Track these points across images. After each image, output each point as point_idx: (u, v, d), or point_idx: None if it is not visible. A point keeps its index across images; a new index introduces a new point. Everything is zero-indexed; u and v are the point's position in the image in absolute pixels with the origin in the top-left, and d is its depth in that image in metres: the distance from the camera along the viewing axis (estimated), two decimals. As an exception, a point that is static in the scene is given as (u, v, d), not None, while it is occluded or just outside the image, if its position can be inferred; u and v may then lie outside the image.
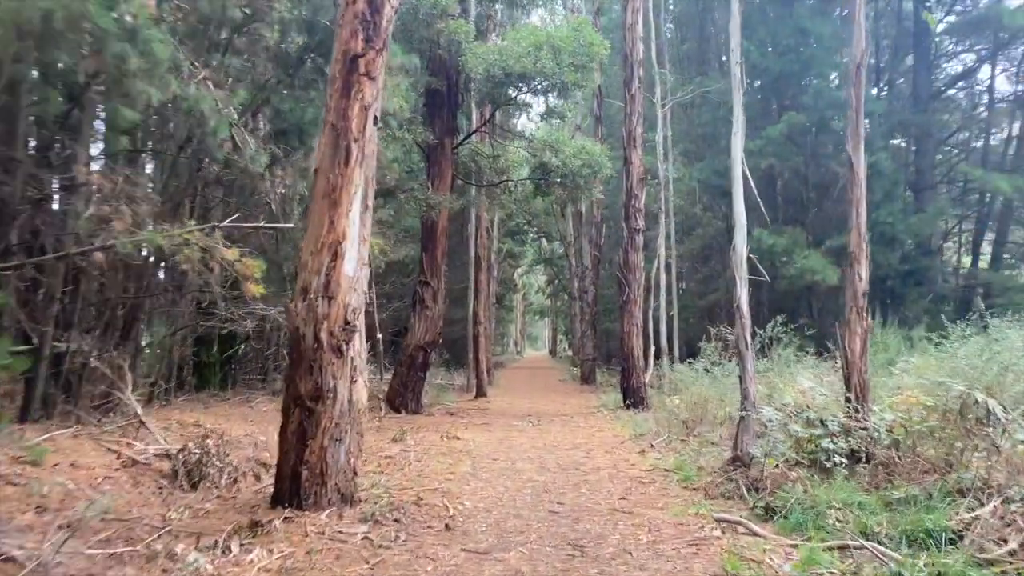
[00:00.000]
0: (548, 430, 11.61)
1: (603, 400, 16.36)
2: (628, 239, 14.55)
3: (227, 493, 6.01)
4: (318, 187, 5.68)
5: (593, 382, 23.57)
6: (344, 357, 5.51)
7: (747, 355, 7.62)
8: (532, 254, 53.33)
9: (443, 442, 9.80)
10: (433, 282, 13.53)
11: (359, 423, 5.82)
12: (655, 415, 12.39)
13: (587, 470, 7.96)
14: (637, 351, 14.27)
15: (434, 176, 13.56)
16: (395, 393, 13.31)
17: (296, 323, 5.48)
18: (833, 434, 6.87)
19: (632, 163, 14.58)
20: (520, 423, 12.51)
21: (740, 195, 8.18)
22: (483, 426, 11.99)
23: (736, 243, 8.01)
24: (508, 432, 11.24)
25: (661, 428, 10.66)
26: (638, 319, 14.45)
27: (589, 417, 13.57)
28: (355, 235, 5.67)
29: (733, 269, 7.98)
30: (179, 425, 8.04)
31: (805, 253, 17.95)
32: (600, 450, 9.46)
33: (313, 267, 5.51)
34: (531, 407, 15.95)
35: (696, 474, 7.48)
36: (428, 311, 13.43)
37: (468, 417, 13.35)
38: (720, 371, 11.42)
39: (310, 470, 5.33)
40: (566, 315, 54.66)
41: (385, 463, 8.09)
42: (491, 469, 7.91)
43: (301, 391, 5.41)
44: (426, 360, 13.48)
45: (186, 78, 7.24)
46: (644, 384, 14.20)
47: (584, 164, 14.32)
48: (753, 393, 7.55)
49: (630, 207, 14.55)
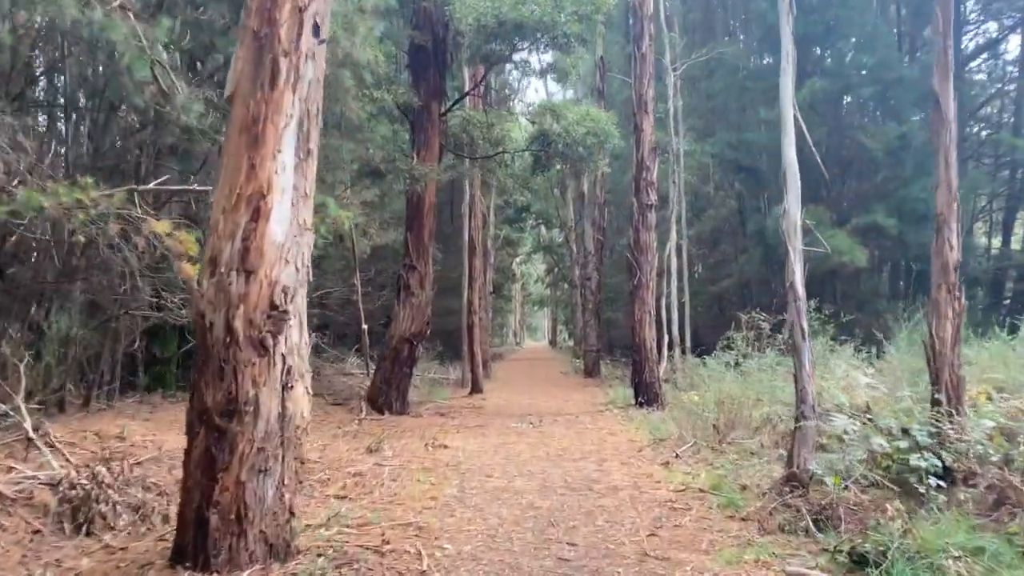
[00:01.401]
0: (551, 433, 10.07)
1: (611, 396, 14.81)
2: (639, 216, 12.96)
3: (121, 541, 4.45)
4: (234, 118, 4.10)
5: (597, 375, 22.03)
6: (270, 356, 3.94)
7: (804, 347, 6.06)
8: (531, 241, 51.88)
9: (427, 452, 8.25)
10: (420, 266, 11.96)
11: (297, 445, 4.25)
12: (673, 415, 10.85)
13: (602, 490, 6.41)
14: (650, 342, 12.71)
15: (419, 145, 11.96)
16: (377, 391, 11.75)
17: (201, 308, 3.90)
18: (923, 448, 5.33)
19: (643, 130, 12.98)
20: (519, 424, 10.96)
21: (791, 144, 6.59)
22: (476, 429, 10.44)
23: (788, 206, 6.43)
24: (505, 437, 9.69)
25: (684, 432, 9.12)
26: (650, 306, 12.88)
27: (597, 417, 12.02)
28: (286, 185, 4.10)
29: (784, 238, 6.40)
30: (97, 439, 6.47)
31: (830, 233, 16.33)
32: (615, 460, 7.91)
33: (225, 229, 3.94)
34: (531, 404, 14.41)
35: (740, 497, 5.93)
36: (414, 298, 11.86)
37: (460, 417, 11.80)
38: (754, 365, 9.85)
39: (221, 515, 3.77)
40: (566, 305, 53.16)
41: (352, 483, 6.53)
42: (483, 490, 6.35)
43: (208, 403, 3.84)
44: (412, 354, 11.91)
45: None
46: (658, 379, 12.64)
47: (589, 132, 12.72)
48: (812, 395, 6.00)
49: (641, 180, 12.96)
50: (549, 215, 43.02)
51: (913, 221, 17.44)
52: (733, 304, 23.69)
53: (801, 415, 5.95)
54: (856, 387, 8.02)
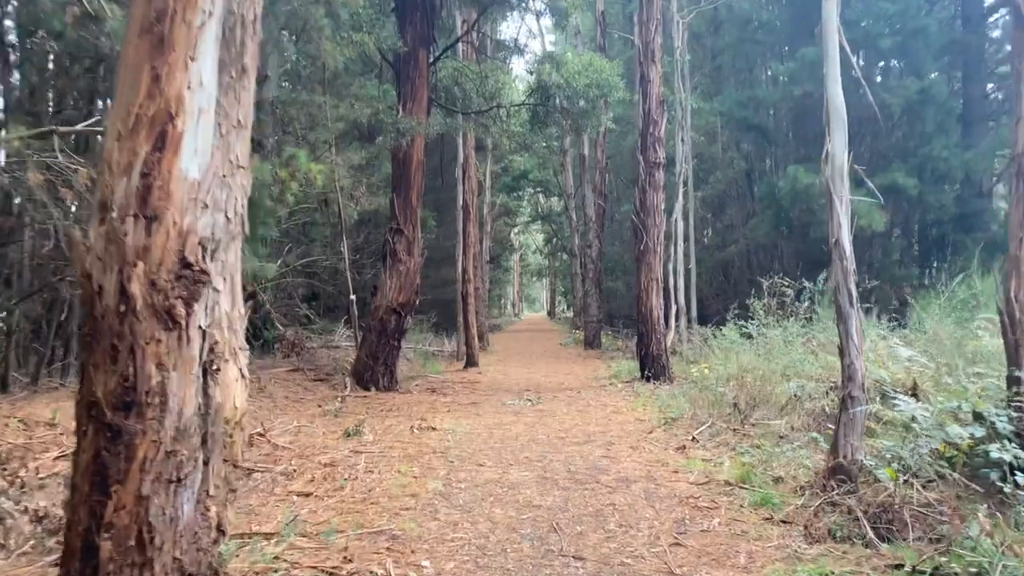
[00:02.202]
0: (552, 411, 9.18)
1: (614, 369, 13.92)
2: (645, 175, 11.94)
3: (11, 563, 3.53)
4: (133, 16, 3.08)
5: (598, 347, 21.16)
6: (182, 330, 2.97)
7: (851, 315, 5.11)
8: (529, 211, 50.84)
9: (413, 436, 7.34)
10: (408, 230, 10.96)
11: (228, 444, 3.31)
12: (683, 390, 9.97)
13: (611, 482, 5.51)
14: (657, 312, 11.77)
15: (405, 97, 10.89)
16: (363, 366, 10.83)
17: (87, 266, 2.93)
18: (1003, 436, 4.41)
19: (650, 80, 11.91)
20: (516, 401, 10.07)
21: (836, 78, 5.58)
22: (469, 408, 9.54)
23: (832, 148, 5.43)
24: (500, 416, 8.80)
25: (698, 410, 8.23)
26: (657, 273, 11.92)
27: (601, 392, 11.13)
28: (204, 105, 3.11)
29: (827, 185, 5.42)
30: (22, 426, 5.55)
31: (847, 195, 15.28)
32: (623, 444, 7.01)
33: (120, 161, 2.95)
34: (529, 378, 13.52)
35: (776, 492, 5.03)
36: (402, 265, 10.88)
37: (453, 394, 10.91)
38: (778, 335, 8.91)
39: (116, 540, 2.84)
40: (565, 275, 52.25)
41: (322, 475, 5.62)
42: (473, 484, 5.44)
43: (98, 393, 2.89)
44: (400, 325, 10.96)
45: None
46: (666, 351, 11.73)
47: (591, 84, 11.67)
48: (862, 371, 5.06)
49: (648, 136, 11.92)
50: (548, 182, 41.95)
51: (933, 182, 16.44)
52: (739, 272, 22.76)
53: (848, 396, 5.02)
54: (895, 360, 7.10)
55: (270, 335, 14.22)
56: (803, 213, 15.74)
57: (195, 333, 3.02)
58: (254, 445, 6.66)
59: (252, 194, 4.83)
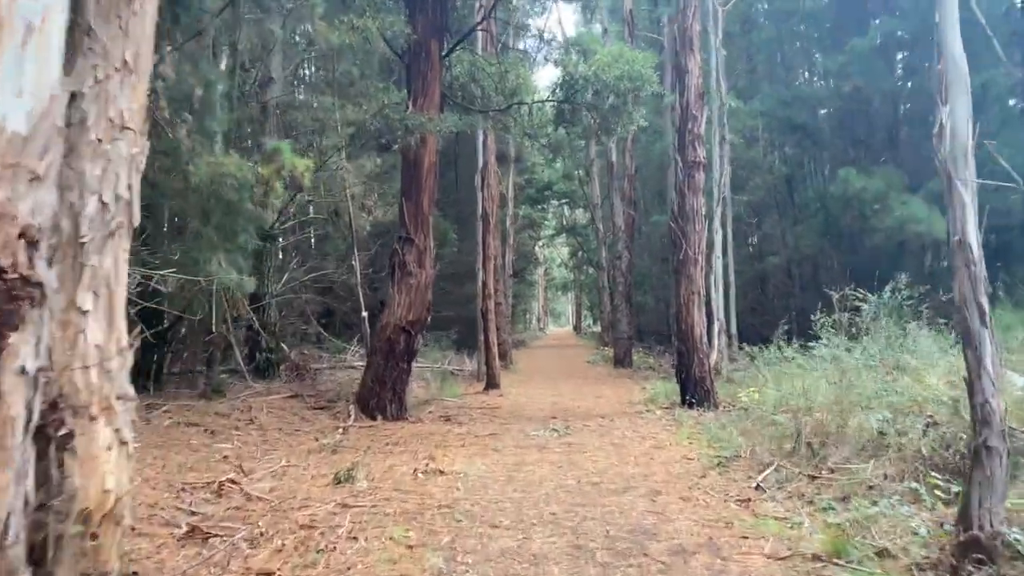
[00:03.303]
0: (582, 445, 7.95)
1: (649, 392, 12.64)
2: (684, 177, 10.72)
3: None
4: None
5: (629, 365, 19.84)
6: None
7: (984, 336, 3.85)
8: (554, 224, 49.82)
9: (416, 482, 6.14)
10: (418, 238, 9.84)
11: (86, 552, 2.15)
12: (733, 420, 8.70)
13: (663, 553, 4.26)
14: (699, 328, 10.50)
15: (416, 92, 9.81)
16: (368, 392, 9.68)
17: None
18: None
19: (688, 71, 10.72)
20: (541, 432, 8.85)
21: (955, 33, 4.30)
22: (487, 440, 8.34)
23: (952, 120, 4.16)
24: (522, 452, 7.58)
25: (756, 446, 6.95)
26: (699, 285, 10.65)
27: (637, 420, 9.86)
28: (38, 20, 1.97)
29: (944, 168, 4.17)
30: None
31: (903, 199, 13.95)
32: (672, 493, 5.75)
33: None
34: (555, 402, 12.29)
35: (883, 572, 3.76)
36: (412, 279, 9.75)
37: (469, 423, 9.71)
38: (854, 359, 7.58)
39: None
40: (591, 289, 50.90)
41: (293, 544, 4.44)
42: (484, 558, 4.22)
43: None
44: (410, 346, 9.80)
45: None
46: (710, 373, 10.44)
47: (622, 76, 10.50)
48: (999, 413, 3.79)
49: (686, 133, 10.71)
50: (573, 194, 40.85)
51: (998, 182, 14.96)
52: (778, 285, 21.35)
53: (984, 446, 3.76)
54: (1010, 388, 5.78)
55: (275, 356, 13.18)
56: (855, 220, 14.37)
57: (11, 381, 1.86)
58: (223, 495, 5.52)
59: (232, 197, 3.73)
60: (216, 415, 8.69)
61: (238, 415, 8.89)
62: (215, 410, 8.95)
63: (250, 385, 11.31)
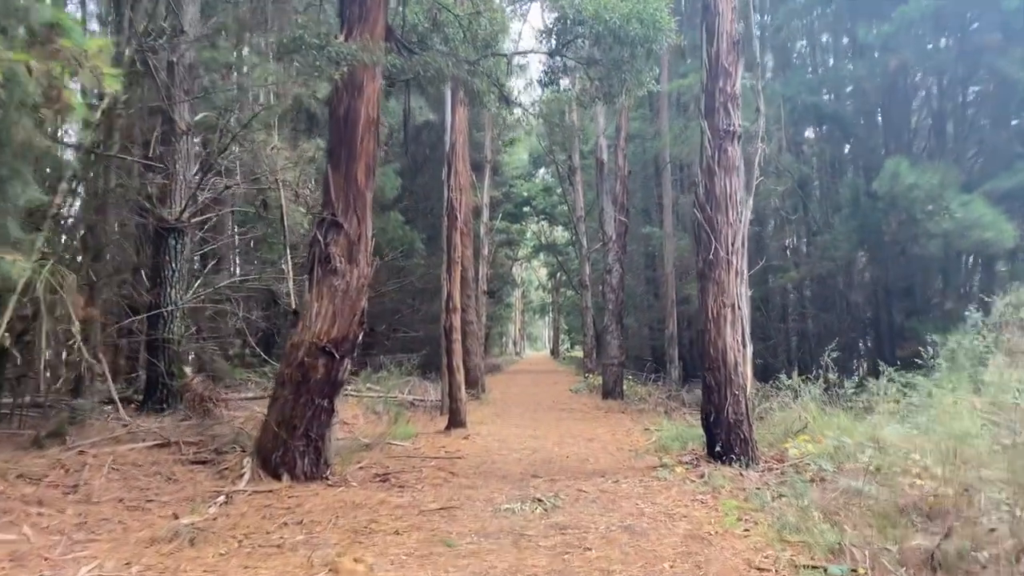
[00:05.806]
0: (580, 532, 5.08)
1: (657, 435, 9.84)
2: (713, 151, 8.00)
3: None
4: None
5: (620, 396, 17.01)
6: None
7: None
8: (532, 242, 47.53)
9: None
10: (350, 223, 6.97)
11: None
12: (790, 484, 5.94)
13: None
14: (732, 354, 7.72)
15: (352, 19, 7.02)
16: (272, 440, 6.72)
17: None
18: None
19: (718, 13, 8.07)
20: (517, 505, 5.97)
21: None
22: (436, 522, 5.44)
23: None
24: (485, 552, 4.69)
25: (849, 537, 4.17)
26: (732, 296, 7.89)
27: (652, 482, 7.00)
28: None
29: None
30: None
31: (963, 199, 11.37)
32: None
33: None
34: (536, 448, 9.42)
35: None
36: (337, 279, 6.87)
37: (414, 488, 6.78)
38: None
39: None
40: (569, 311, 48.13)
41: None
42: None
43: None
44: (332, 375, 6.85)
45: None
46: (748, 416, 7.63)
47: (630, 14, 7.86)
48: None
49: (716, 92, 8.02)
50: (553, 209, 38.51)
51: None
52: (793, 304, 18.73)
53: None
54: None
55: (175, 384, 10.19)
56: (902, 225, 11.76)
57: None
58: None
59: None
60: (21, 478, 5.69)
61: (59, 476, 5.90)
62: (28, 468, 5.96)
63: (123, 423, 8.31)
